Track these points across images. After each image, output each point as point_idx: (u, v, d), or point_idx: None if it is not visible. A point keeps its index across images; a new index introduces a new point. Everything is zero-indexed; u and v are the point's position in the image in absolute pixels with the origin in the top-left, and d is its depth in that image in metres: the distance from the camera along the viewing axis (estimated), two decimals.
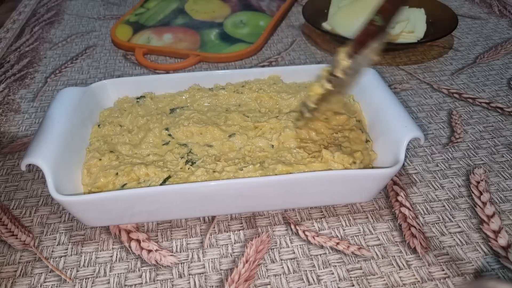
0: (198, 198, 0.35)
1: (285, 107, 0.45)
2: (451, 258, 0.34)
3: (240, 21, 0.71)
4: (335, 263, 0.34)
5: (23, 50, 0.67)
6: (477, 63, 0.61)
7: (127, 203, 0.34)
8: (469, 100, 0.53)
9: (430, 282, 0.33)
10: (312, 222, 0.38)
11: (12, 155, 0.46)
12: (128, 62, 0.63)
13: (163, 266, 0.34)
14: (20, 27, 0.75)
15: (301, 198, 0.37)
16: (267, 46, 0.67)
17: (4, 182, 0.43)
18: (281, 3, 0.77)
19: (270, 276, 0.33)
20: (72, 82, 0.59)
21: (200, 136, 0.41)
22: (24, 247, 0.36)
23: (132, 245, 0.36)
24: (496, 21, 0.72)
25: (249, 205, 0.37)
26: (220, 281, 0.33)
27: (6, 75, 0.61)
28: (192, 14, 0.73)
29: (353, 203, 0.39)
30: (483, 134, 0.48)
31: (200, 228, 0.37)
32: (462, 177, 0.42)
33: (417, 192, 0.41)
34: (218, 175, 0.36)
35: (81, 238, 0.37)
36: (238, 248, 0.36)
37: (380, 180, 0.36)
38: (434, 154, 0.45)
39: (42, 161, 0.34)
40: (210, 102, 0.46)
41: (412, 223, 0.37)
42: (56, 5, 0.83)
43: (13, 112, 0.53)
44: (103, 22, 0.76)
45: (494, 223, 0.37)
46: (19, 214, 0.39)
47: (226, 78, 0.48)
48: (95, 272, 0.34)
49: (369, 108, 0.43)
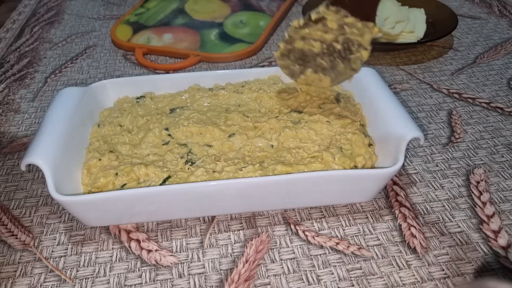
0: (198, 198, 0.35)
1: (285, 107, 0.45)
2: (451, 258, 0.34)
3: (240, 21, 0.71)
4: (335, 263, 0.34)
5: (23, 50, 0.67)
6: (477, 63, 0.61)
7: (127, 203, 0.34)
8: (469, 100, 0.53)
9: (430, 282, 0.33)
10: (312, 222, 0.38)
11: (12, 155, 0.46)
12: (128, 62, 0.63)
13: (163, 266, 0.34)
14: (20, 27, 0.75)
15: (301, 198, 0.37)
16: (267, 46, 0.67)
17: (4, 182, 0.43)
18: (281, 3, 0.77)
19: (270, 276, 0.33)
20: (72, 82, 0.59)
21: (200, 136, 0.41)
22: (24, 247, 0.36)
23: (132, 245, 0.36)
24: (496, 21, 0.72)
25: (249, 205, 0.37)
26: (220, 281, 0.33)
27: (6, 75, 0.61)
28: (192, 14, 0.73)
29: (353, 203, 0.39)
30: (483, 134, 0.48)
31: (200, 228, 0.37)
32: (462, 177, 0.42)
33: (417, 192, 0.41)
34: (218, 175, 0.36)
35: (81, 238, 0.37)
36: (238, 248, 0.36)
37: (380, 180, 0.36)
38: (434, 154, 0.45)
39: (42, 161, 0.34)
40: (210, 102, 0.46)
41: (412, 223, 0.37)
42: (56, 5, 0.83)
43: (13, 112, 0.53)
44: (103, 22, 0.76)
45: (494, 223, 0.37)
46: (19, 214, 0.39)
47: (226, 78, 0.48)
48: (95, 272, 0.34)
49: (369, 108, 0.43)
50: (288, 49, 0.35)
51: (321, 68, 0.37)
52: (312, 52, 0.35)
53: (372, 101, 0.42)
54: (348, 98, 0.45)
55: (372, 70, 0.46)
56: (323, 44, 0.35)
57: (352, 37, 0.34)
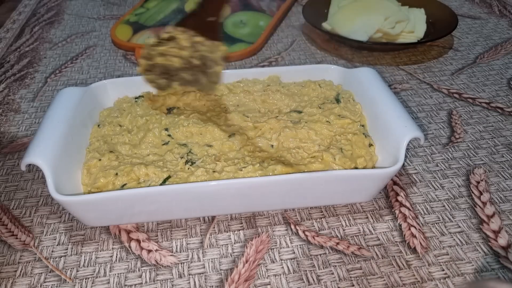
0: (198, 198, 0.35)
1: (285, 107, 0.45)
2: (451, 258, 0.34)
3: (240, 21, 0.71)
4: (335, 263, 0.34)
5: (23, 50, 0.67)
6: (477, 63, 0.61)
7: (127, 203, 0.34)
8: (469, 100, 0.53)
9: (430, 282, 0.33)
10: (312, 222, 0.38)
11: (12, 155, 0.46)
12: (128, 62, 0.63)
13: (163, 266, 0.34)
14: (20, 27, 0.75)
15: (301, 198, 0.37)
16: (267, 46, 0.67)
17: (4, 182, 0.43)
18: (281, 3, 0.77)
19: (270, 276, 0.33)
20: (72, 82, 0.59)
21: (200, 136, 0.41)
22: (24, 247, 0.36)
23: (132, 245, 0.36)
24: (496, 21, 0.72)
25: (249, 205, 0.37)
26: (220, 281, 0.33)
27: (6, 75, 0.61)
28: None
29: (353, 203, 0.39)
30: (483, 134, 0.48)
31: (200, 228, 0.37)
32: (462, 177, 0.42)
33: (417, 192, 0.41)
34: (218, 175, 0.36)
35: (81, 238, 0.37)
36: (238, 248, 0.36)
37: (380, 180, 0.36)
38: (434, 154, 0.45)
39: (42, 161, 0.34)
40: (211, 102, 0.46)
41: (412, 223, 0.37)
42: (56, 5, 0.83)
43: (13, 112, 0.53)
44: (103, 22, 0.76)
45: (494, 223, 0.37)
46: (19, 214, 0.39)
47: (226, 78, 0.48)
48: (95, 272, 0.34)
49: (369, 108, 0.43)
50: (150, 64, 0.37)
51: (186, 81, 0.38)
52: (174, 66, 0.37)
53: (372, 101, 0.42)
54: (348, 98, 0.45)
55: (372, 70, 0.46)
56: (181, 59, 0.37)
57: (205, 54, 0.36)
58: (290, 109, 0.44)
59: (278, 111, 0.44)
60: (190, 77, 0.37)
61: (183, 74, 0.37)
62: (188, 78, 0.37)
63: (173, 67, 0.37)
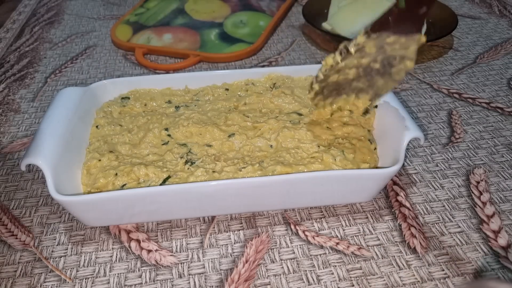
0: (198, 198, 0.35)
1: (285, 108, 0.45)
2: (451, 258, 0.34)
3: (240, 21, 0.71)
4: (335, 263, 0.34)
5: (23, 50, 0.67)
6: (477, 63, 0.61)
7: (127, 203, 0.34)
8: (469, 100, 0.53)
9: (430, 282, 0.33)
10: (312, 222, 0.38)
11: (12, 155, 0.46)
12: (128, 62, 0.63)
13: (163, 266, 0.34)
14: (20, 27, 0.75)
15: (301, 198, 0.37)
16: (267, 46, 0.67)
17: (4, 182, 0.43)
18: (281, 3, 0.77)
19: (270, 276, 0.33)
20: (72, 82, 0.59)
21: (199, 136, 0.41)
22: (24, 247, 0.36)
23: (132, 245, 0.36)
24: (496, 21, 0.72)
25: (249, 205, 0.37)
26: (220, 281, 0.33)
27: (6, 75, 0.61)
28: (192, 14, 0.73)
29: (353, 203, 0.39)
30: (483, 134, 0.47)
31: (200, 228, 0.37)
32: (462, 177, 0.42)
33: (417, 192, 0.41)
34: (218, 175, 0.36)
35: (81, 238, 0.37)
36: (238, 248, 0.36)
37: (380, 180, 0.36)
38: (434, 154, 0.45)
39: (42, 161, 0.34)
40: (211, 102, 0.46)
41: (412, 223, 0.37)
42: (56, 5, 0.83)
43: (13, 112, 0.53)
44: (103, 22, 0.76)
45: (494, 223, 0.37)
46: (19, 214, 0.39)
47: (226, 78, 0.48)
48: (95, 272, 0.34)
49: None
50: (322, 86, 0.35)
51: (358, 90, 0.36)
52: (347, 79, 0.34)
53: None
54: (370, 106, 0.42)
55: None
56: (359, 68, 0.34)
57: (393, 53, 0.33)
58: (290, 109, 0.44)
59: (278, 111, 0.44)
60: (364, 85, 0.35)
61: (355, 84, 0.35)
62: (361, 86, 0.35)
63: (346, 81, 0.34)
